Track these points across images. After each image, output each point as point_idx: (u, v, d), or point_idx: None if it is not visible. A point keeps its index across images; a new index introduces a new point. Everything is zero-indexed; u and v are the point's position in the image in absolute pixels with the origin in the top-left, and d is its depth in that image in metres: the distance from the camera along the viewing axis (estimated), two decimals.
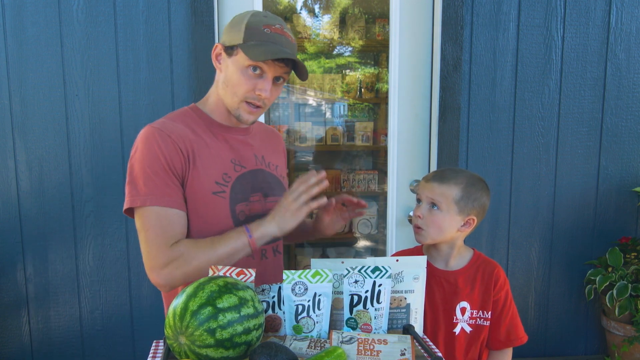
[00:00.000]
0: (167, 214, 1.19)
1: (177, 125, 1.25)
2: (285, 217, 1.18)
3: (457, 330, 1.34)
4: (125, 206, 1.21)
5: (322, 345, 1.05)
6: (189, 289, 0.96)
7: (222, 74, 1.26)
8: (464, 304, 1.34)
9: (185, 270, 1.17)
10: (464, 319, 1.33)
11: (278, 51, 1.17)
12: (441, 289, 1.35)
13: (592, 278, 2.36)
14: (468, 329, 1.34)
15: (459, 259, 1.38)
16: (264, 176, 1.35)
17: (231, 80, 1.23)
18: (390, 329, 1.16)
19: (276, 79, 1.24)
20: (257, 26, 1.19)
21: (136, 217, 1.21)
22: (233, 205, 1.27)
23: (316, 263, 1.18)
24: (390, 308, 1.16)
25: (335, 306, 1.16)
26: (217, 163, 1.27)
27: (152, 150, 1.18)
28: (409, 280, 1.17)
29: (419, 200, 1.37)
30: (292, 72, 1.27)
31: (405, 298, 1.17)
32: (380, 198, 3.33)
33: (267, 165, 1.38)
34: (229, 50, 1.22)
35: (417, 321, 1.17)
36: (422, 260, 1.18)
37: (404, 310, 1.17)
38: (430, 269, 1.34)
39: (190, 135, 1.25)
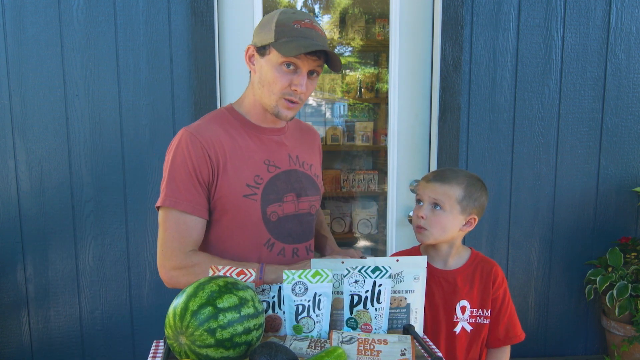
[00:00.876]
0: (186, 220, 1.23)
1: (211, 127, 1.28)
2: None
3: (457, 329, 1.34)
4: (156, 204, 1.27)
5: (322, 345, 1.05)
6: (189, 289, 0.96)
7: (257, 75, 1.28)
8: (464, 302, 1.34)
9: (190, 280, 1.19)
10: (464, 317, 1.34)
11: (309, 44, 1.18)
12: (440, 289, 1.35)
13: (592, 278, 2.36)
14: (469, 328, 1.34)
15: (458, 258, 1.39)
16: (297, 176, 1.36)
17: (266, 79, 1.24)
18: (390, 329, 1.16)
19: (310, 73, 1.25)
20: (287, 23, 1.21)
21: (159, 214, 1.26)
22: (264, 207, 1.28)
23: (316, 263, 1.18)
24: (391, 308, 1.16)
25: (336, 306, 1.16)
26: (249, 165, 1.28)
27: (182, 155, 1.23)
28: (409, 280, 1.17)
29: (419, 201, 1.37)
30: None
31: (406, 298, 1.17)
32: (380, 198, 3.33)
33: (301, 165, 1.38)
34: (262, 50, 1.24)
35: (417, 321, 1.17)
36: (422, 260, 1.18)
37: (404, 310, 1.17)
38: (429, 268, 1.34)
39: (224, 138, 1.28)
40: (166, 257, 1.23)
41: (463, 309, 1.33)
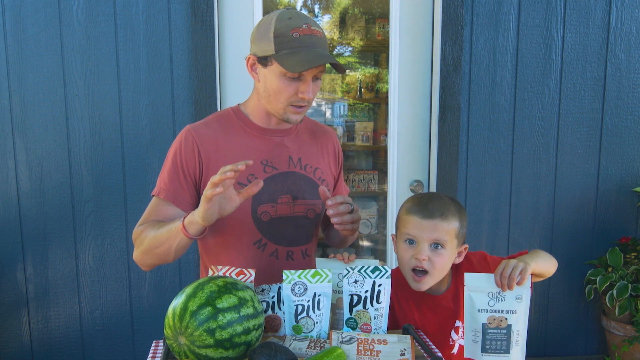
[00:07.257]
0: (163, 206, 1.28)
1: (210, 125, 1.32)
2: (202, 205, 1.10)
3: (455, 350, 1.27)
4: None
5: (322, 345, 1.05)
6: (189, 289, 0.96)
7: (261, 84, 1.27)
8: (457, 323, 1.28)
9: (140, 250, 1.25)
10: (459, 336, 1.27)
11: (313, 58, 1.17)
12: (436, 315, 1.28)
13: (592, 278, 2.36)
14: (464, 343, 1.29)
15: (447, 280, 1.31)
16: (295, 179, 1.34)
17: (272, 89, 1.24)
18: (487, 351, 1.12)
19: (315, 78, 1.25)
20: (286, 32, 1.18)
21: None
22: (255, 206, 1.29)
23: (316, 263, 1.18)
24: (490, 328, 1.12)
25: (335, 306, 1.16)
26: None
27: (174, 149, 1.30)
28: (512, 300, 1.13)
29: (411, 241, 1.22)
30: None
31: (507, 319, 1.12)
32: (380, 198, 3.33)
33: (303, 168, 1.37)
34: (263, 60, 1.23)
35: (519, 344, 1.13)
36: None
37: (504, 331, 1.12)
38: (424, 295, 1.27)
39: (220, 135, 1.30)
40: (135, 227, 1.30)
41: (457, 329, 1.27)
